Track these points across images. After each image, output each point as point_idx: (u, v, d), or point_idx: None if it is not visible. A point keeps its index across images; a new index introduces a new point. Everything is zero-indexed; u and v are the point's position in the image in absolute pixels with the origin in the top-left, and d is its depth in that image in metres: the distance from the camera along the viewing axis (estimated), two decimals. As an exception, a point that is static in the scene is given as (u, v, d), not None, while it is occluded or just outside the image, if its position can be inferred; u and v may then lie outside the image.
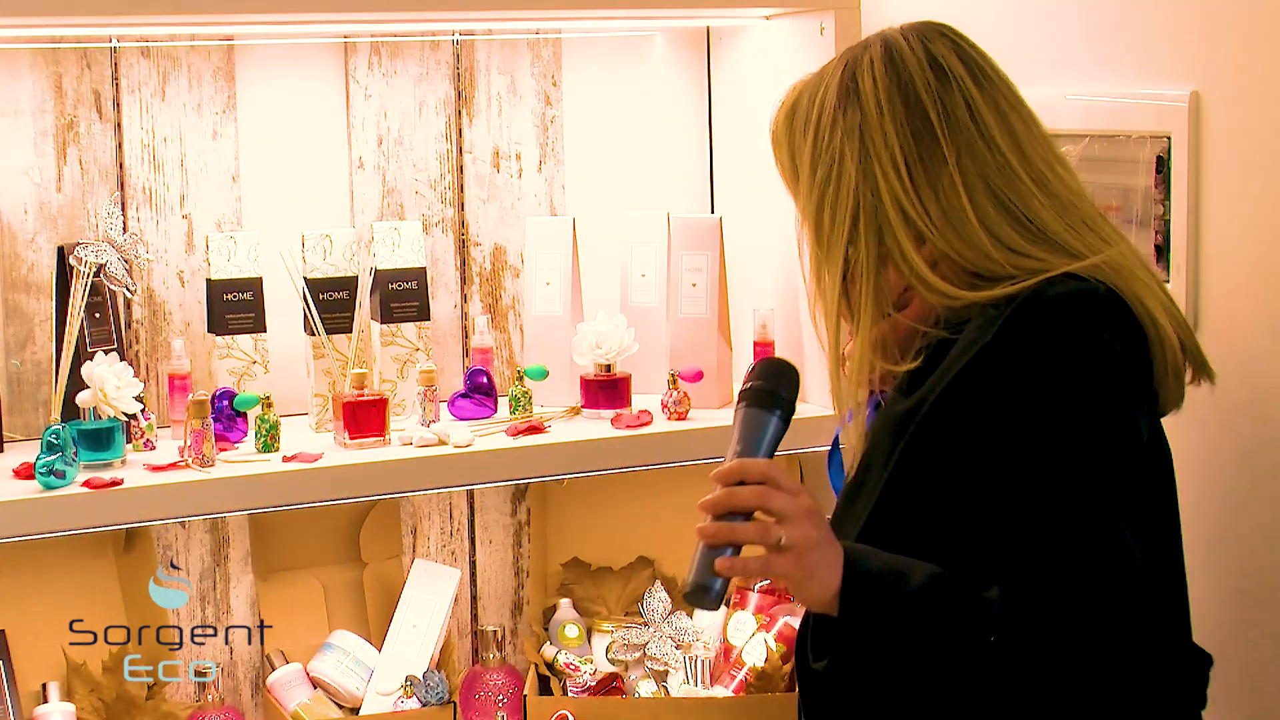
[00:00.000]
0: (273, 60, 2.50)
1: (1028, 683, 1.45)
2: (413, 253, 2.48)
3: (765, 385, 1.57)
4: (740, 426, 1.54)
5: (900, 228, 1.61)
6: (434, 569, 2.56)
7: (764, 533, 1.44)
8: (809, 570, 1.44)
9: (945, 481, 1.53)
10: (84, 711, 2.33)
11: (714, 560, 1.43)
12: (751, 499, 1.45)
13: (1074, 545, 1.45)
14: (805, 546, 1.43)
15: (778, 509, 1.44)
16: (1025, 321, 1.52)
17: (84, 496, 2.08)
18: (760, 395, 1.56)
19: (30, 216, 2.38)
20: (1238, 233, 1.89)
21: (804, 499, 1.46)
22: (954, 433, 1.53)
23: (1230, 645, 1.94)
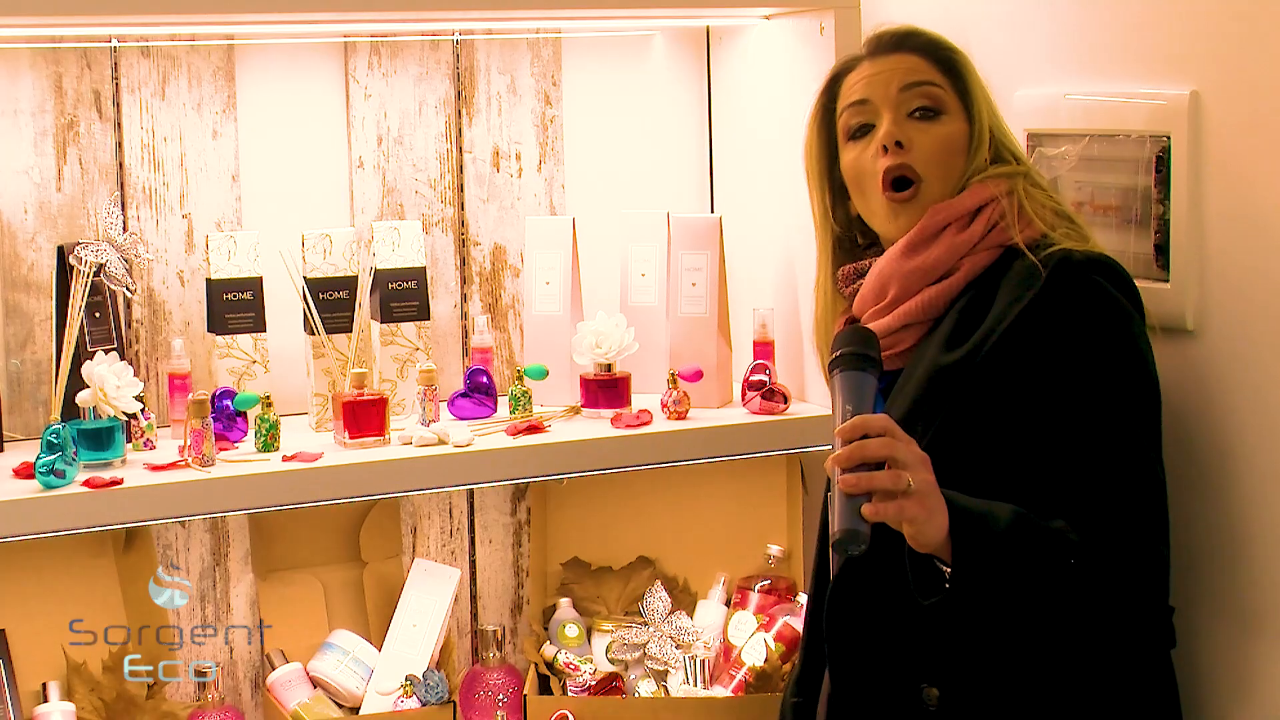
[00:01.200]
0: (273, 60, 2.50)
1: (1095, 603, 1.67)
2: (412, 252, 2.48)
3: (855, 349, 1.67)
4: (844, 390, 1.65)
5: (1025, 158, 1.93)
6: (434, 568, 2.56)
7: (897, 480, 1.55)
8: (930, 512, 1.56)
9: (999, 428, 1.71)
10: (84, 711, 2.33)
11: (858, 507, 1.55)
12: (881, 449, 1.57)
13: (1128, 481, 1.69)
14: (927, 490, 1.57)
15: (902, 458, 1.56)
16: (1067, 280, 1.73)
17: (84, 496, 2.08)
18: (854, 359, 1.67)
19: (30, 216, 2.38)
20: (1237, 232, 1.89)
21: (916, 448, 1.59)
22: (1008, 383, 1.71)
23: (1231, 650, 1.94)
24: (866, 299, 1.89)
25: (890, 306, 1.85)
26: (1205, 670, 1.98)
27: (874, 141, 1.87)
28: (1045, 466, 1.70)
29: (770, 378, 2.46)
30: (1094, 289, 1.74)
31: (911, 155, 1.85)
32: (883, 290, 1.86)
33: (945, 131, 1.86)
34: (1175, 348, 1.96)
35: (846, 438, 1.59)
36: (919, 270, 1.84)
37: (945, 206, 1.85)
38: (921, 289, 1.84)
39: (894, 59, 1.90)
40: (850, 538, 1.55)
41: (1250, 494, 1.89)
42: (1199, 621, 1.98)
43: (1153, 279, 1.97)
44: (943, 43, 1.92)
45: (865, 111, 1.89)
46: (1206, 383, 1.94)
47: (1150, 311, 1.98)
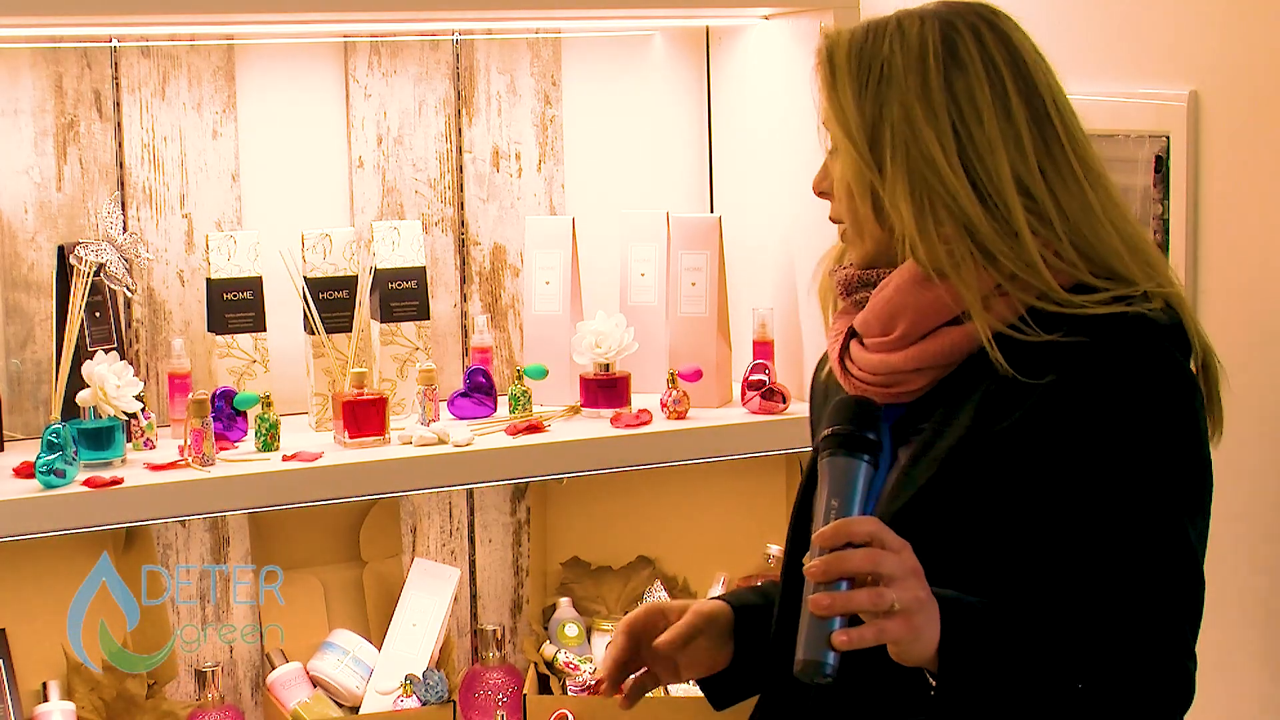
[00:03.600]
0: (273, 60, 2.50)
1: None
2: (412, 252, 2.48)
3: (850, 430, 1.41)
4: (831, 480, 1.40)
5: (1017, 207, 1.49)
6: (434, 568, 2.56)
7: (878, 600, 1.32)
8: (917, 632, 1.35)
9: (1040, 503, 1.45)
10: (84, 710, 2.33)
11: (828, 634, 1.32)
12: (863, 564, 1.33)
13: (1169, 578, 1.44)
14: (915, 608, 1.34)
15: (888, 572, 1.33)
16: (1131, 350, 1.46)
17: (84, 495, 2.08)
18: (847, 441, 1.40)
19: (30, 216, 2.38)
20: (1236, 232, 1.89)
21: (908, 556, 1.36)
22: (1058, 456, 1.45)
23: (1239, 648, 1.94)
24: (870, 325, 1.55)
25: (900, 343, 1.53)
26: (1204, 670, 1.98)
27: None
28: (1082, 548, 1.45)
29: (770, 377, 2.46)
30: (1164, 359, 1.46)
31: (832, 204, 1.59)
32: (890, 321, 1.53)
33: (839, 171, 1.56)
34: (1174, 347, 1.96)
35: (826, 545, 1.34)
36: (934, 307, 1.51)
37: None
38: (937, 328, 1.52)
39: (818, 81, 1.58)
40: (813, 669, 1.33)
41: (1250, 494, 1.90)
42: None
43: (1152, 279, 1.97)
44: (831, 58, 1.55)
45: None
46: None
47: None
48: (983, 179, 1.49)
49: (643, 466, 2.41)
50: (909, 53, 1.51)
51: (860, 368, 1.55)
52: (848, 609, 1.33)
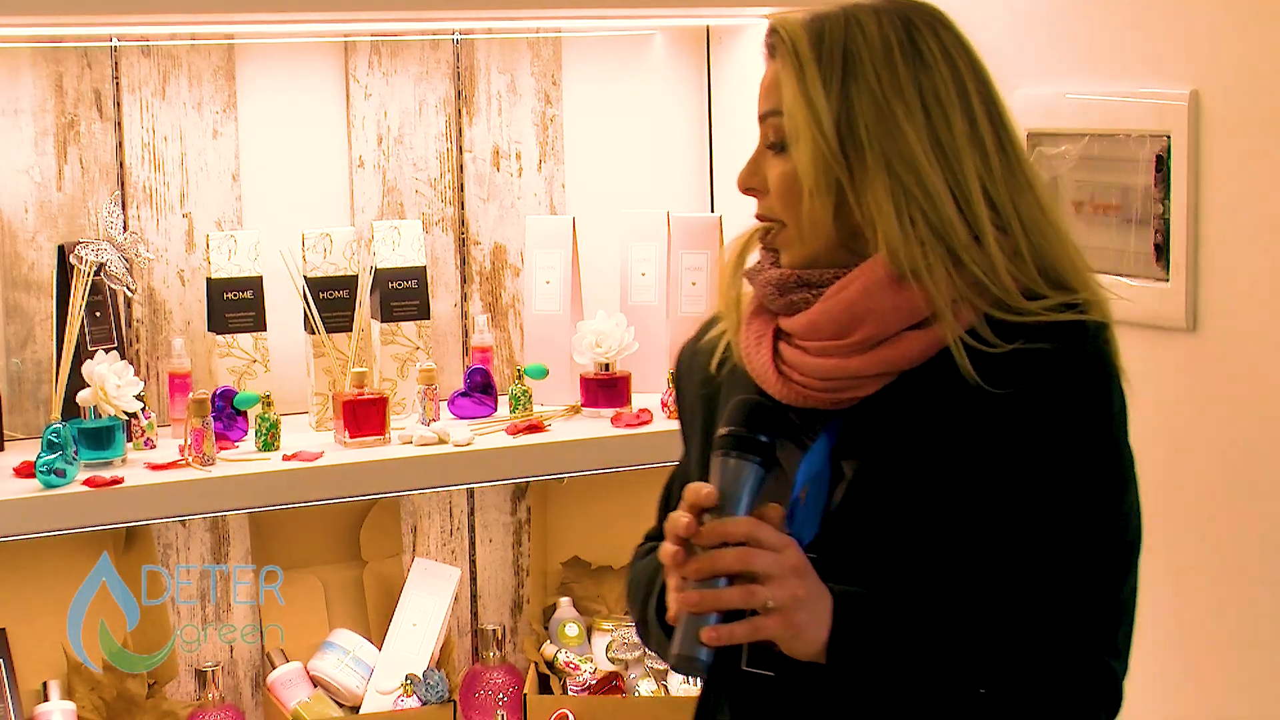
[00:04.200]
0: (273, 59, 2.50)
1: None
2: (413, 251, 2.48)
3: (744, 432, 1.41)
4: (719, 479, 1.40)
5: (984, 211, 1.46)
6: (434, 568, 2.56)
7: (749, 597, 1.35)
8: (797, 629, 1.37)
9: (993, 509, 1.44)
10: (84, 710, 2.33)
11: (699, 629, 1.35)
12: (735, 563, 1.35)
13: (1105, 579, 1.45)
14: (792, 606, 1.36)
15: (761, 570, 1.35)
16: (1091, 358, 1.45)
17: (84, 495, 2.08)
18: (740, 443, 1.41)
19: (31, 215, 2.38)
20: (1237, 231, 1.89)
21: (789, 555, 1.37)
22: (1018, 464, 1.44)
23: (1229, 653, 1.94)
24: (821, 328, 1.47)
25: (858, 348, 1.46)
26: (1206, 668, 1.98)
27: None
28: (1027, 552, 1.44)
29: (770, 377, 2.46)
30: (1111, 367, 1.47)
31: (763, 199, 1.51)
32: (851, 324, 1.46)
33: (786, 169, 1.48)
34: (1174, 347, 1.96)
35: (702, 544, 1.36)
36: (903, 309, 1.46)
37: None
38: (900, 331, 1.46)
39: (769, 69, 1.52)
40: (686, 664, 1.36)
41: (1250, 494, 1.90)
42: (1199, 620, 1.98)
43: (1153, 278, 1.97)
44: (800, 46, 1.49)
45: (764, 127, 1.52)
46: (1206, 383, 1.94)
47: (1150, 311, 1.98)
48: (953, 182, 1.45)
49: (643, 466, 2.41)
50: (873, 47, 1.47)
51: (802, 372, 1.48)
52: (717, 606, 1.35)
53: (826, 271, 1.49)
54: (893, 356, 1.46)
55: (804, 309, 1.49)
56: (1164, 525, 2.01)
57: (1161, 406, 2.00)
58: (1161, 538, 2.02)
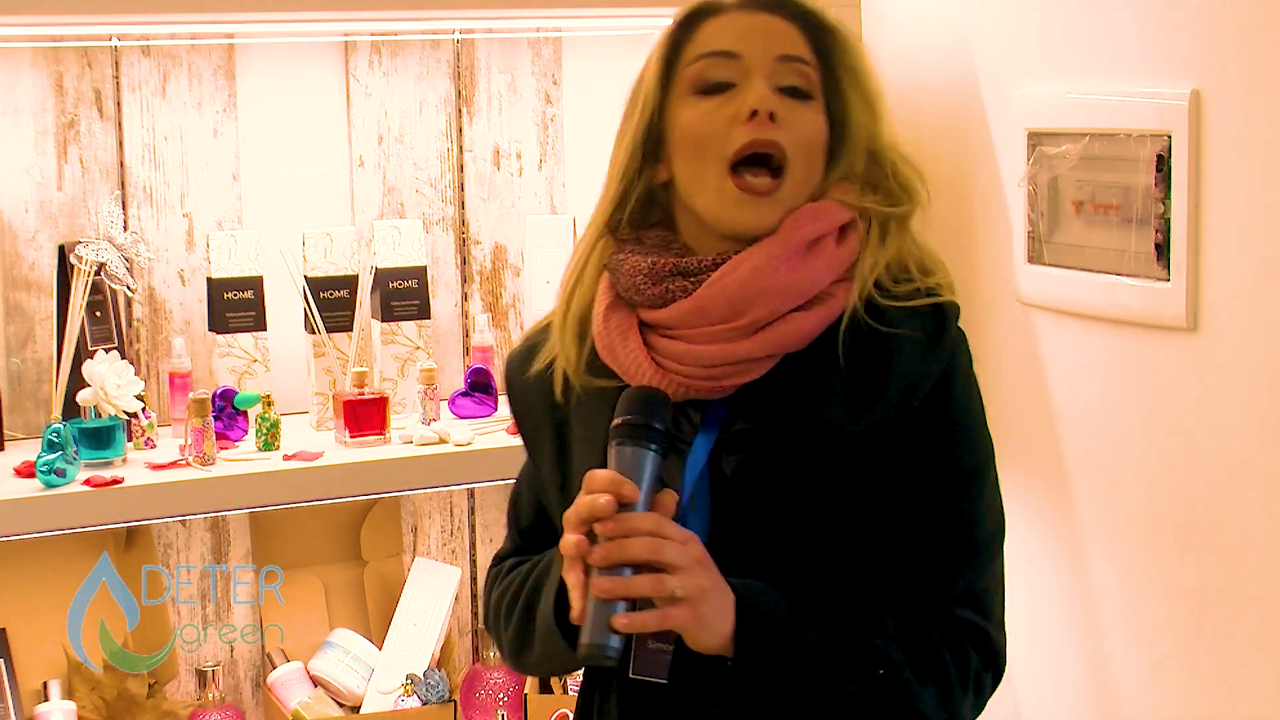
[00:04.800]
0: (273, 59, 2.50)
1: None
2: (413, 251, 2.48)
3: (637, 419, 1.42)
4: (618, 468, 1.41)
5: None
6: (434, 567, 2.56)
7: (658, 586, 1.37)
8: (703, 620, 1.39)
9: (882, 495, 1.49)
10: (85, 710, 2.33)
11: (609, 618, 1.36)
12: (643, 552, 1.37)
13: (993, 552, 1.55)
14: (698, 597, 1.39)
15: (669, 560, 1.37)
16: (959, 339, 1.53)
17: (85, 495, 2.08)
18: (635, 431, 1.42)
19: (31, 215, 2.38)
20: (1238, 231, 1.89)
21: (694, 547, 1.40)
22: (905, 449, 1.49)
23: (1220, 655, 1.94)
24: (708, 312, 1.49)
25: (746, 330, 1.48)
26: (1206, 668, 1.98)
27: (735, 104, 1.50)
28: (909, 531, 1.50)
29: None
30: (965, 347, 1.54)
31: (781, 133, 1.49)
32: (741, 306, 1.48)
33: (815, 121, 1.52)
34: (1175, 347, 1.96)
35: (609, 535, 1.37)
36: (794, 290, 1.49)
37: (821, 210, 1.52)
38: (787, 312, 1.49)
39: (771, 20, 1.54)
40: (597, 652, 1.36)
41: (1249, 494, 1.89)
42: (1199, 620, 1.98)
43: (1153, 278, 1.97)
44: (823, 20, 1.56)
45: (731, 67, 1.51)
46: (1206, 382, 1.94)
47: (1150, 311, 1.98)
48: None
49: (643, 466, 2.41)
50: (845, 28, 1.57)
51: (682, 362, 1.49)
52: (628, 594, 1.37)
53: (705, 258, 1.51)
54: (782, 337, 1.48)
55: (681, 297, 1.50)
56: (1164, 525, 2.01)
57: (1161, 406, 2.00)
58: (1162, 538, 2.02)
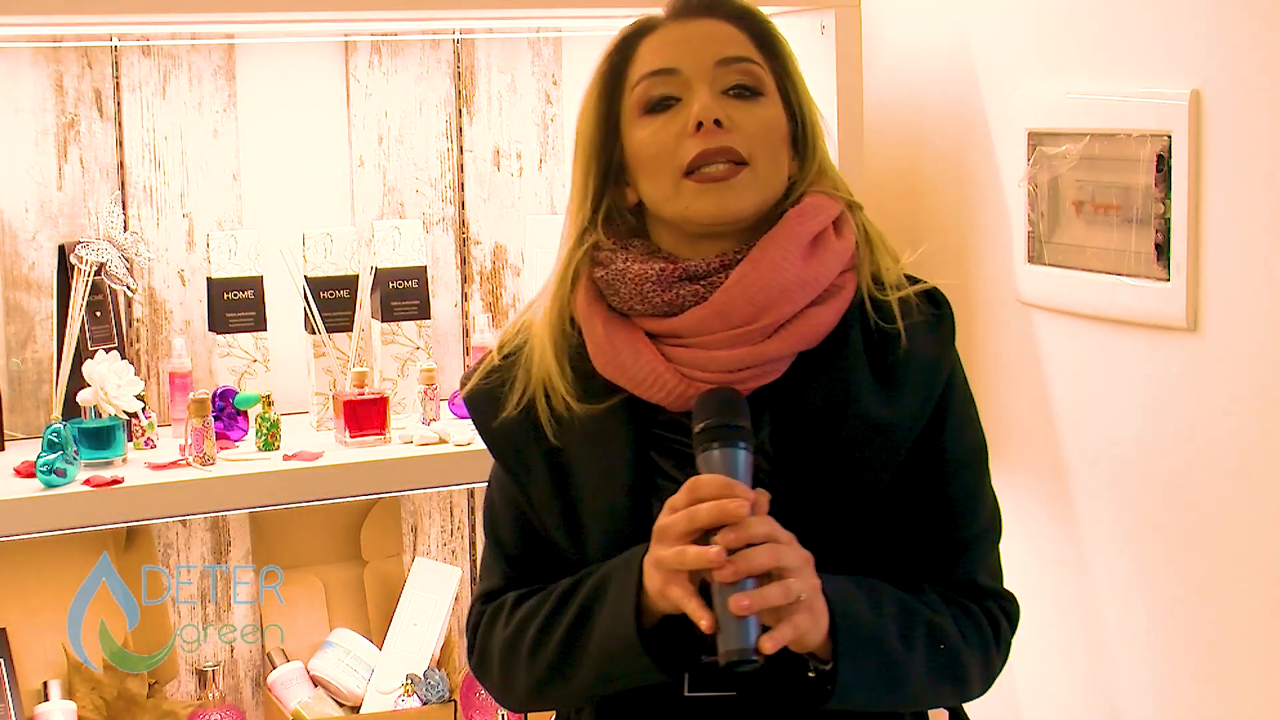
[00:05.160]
0: (273, 59, 2.50)
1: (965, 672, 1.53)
2: (413, 251, 2.48)
3: (724, 420, 1.42)
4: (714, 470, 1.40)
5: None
6: (435, 567, 2.56)
7: (788, 593, 1.37)
8: (816, 617, 1.40)
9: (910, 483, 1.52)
10: (85, 710, 2.33)
11: (749, 630, 1.36)
12: (769, 560, 1.37)
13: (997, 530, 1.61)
14: (813, 594, 1.39)
15: (788, 564, 1.38)
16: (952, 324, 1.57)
17: (85, 495, 2.08)
18: (725, 432, 1.41)
19: (31, 215, 2.38)
20: (1238, 231, 1.89)
21: (799, 547, 1.41)
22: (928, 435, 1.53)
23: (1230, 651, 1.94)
24: (729, 315, 1.48)
25: (769, 329, 1.48)
26: (1207, 668, 1.97)
27: (681, 118, 1.51)
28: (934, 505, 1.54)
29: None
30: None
31: (733, 137, 1.49)
32: (764, 305, 1.48)
33: (768, 114, 1.52)
34: (1175, 347, 1.96)
35: (730, 546, 1.36)
36: (810, 284, 1.50)
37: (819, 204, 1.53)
38: (803, 308, 1.50)
39: (705, 25, 1.55)
40: (742, 656, 1.35)
41: (1250, 493, 1.89)
42: (1199, 620, 1.98)
43: (1153, 278, 1.97)
44: (760, 15, 1.58)
45: (671, 82, 1.53)
46: (1206, 382, 1.94)
47: (1150, 311, 1.98)
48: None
49: (644, 466, 2.41)
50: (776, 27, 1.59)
51: (705, 369, 1.49)
52: (765, 605, 1.36)
53: (710, 260, 1.50)
54: (803, 333, 1.49)
55: (694, 302, 1.50)
56: (1164, 525, 2.01)
57: (1162, 406, 2.00)
58: (1162, 538, 2.02)
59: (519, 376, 1.58)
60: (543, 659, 1.53)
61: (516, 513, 1.62)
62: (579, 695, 1.56)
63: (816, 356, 1.50)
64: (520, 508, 1.61)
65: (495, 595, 1.63)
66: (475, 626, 1.64)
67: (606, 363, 1.53)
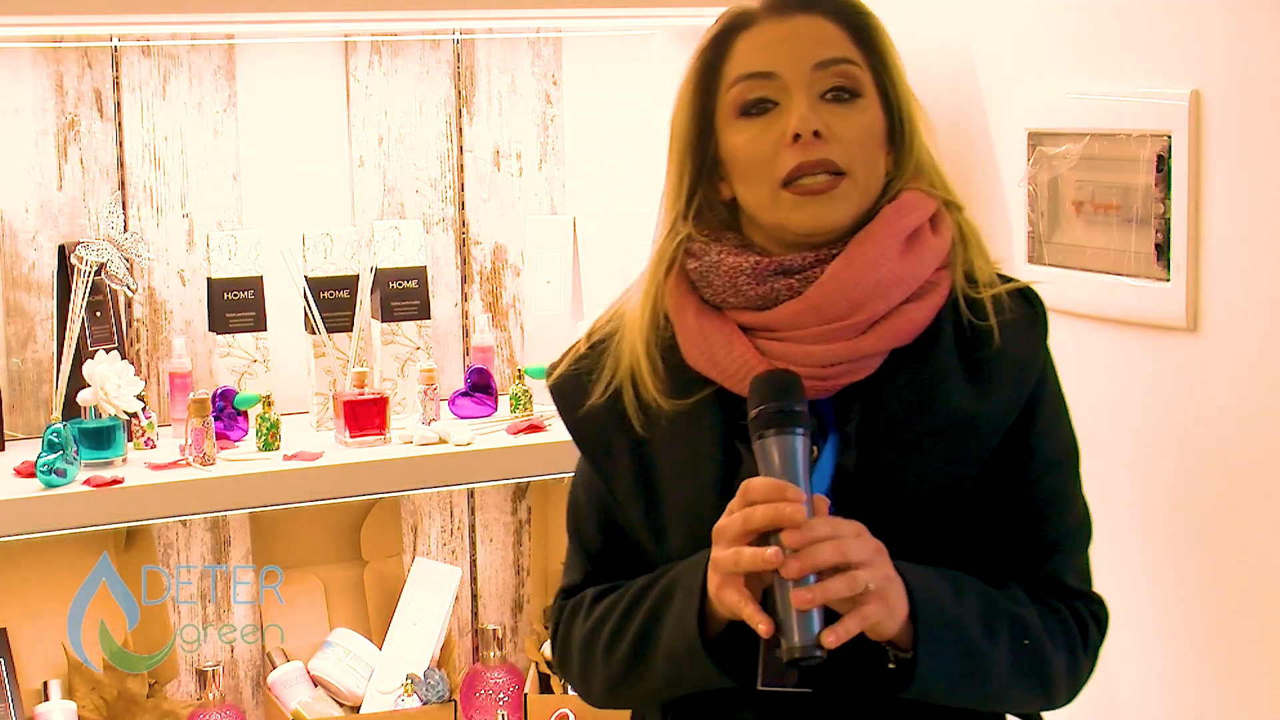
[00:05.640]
0: (273, 59, 2.50)
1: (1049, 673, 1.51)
2: (413, 251, 2.48)
3: (782, 405, 1.40)
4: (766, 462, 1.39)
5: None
6: (434, 567, 2.56)
7: (853, 584, 1.36)
8: (891, 607, 1.38)
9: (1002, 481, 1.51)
10: (85, 710, 2.33)
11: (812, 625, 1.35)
12: (834, 556, 1.35)
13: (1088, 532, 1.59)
14: (886, 585, 1.38)
15: (855, 558, 1.36)
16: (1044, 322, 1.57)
17: (85, 495, 2.08)
18: (782, 418, 1.39)
19: (31, 215, 2.38)
20: (1238, 231, 1.89)
21: (869, 538, 1.39)
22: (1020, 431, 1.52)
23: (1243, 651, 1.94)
24: (823, 311, 1.48)
25: (863, 325, 1.48)
26: (1207, 668, 1.98)
27: (779, 126, 1.49)
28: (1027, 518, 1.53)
29: (771, 377, 2.46)
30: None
31: (831, 148, 1.47)
32: (859, 302, 1.47)
33: (866, 119, 1.50)
34: (1175, 347, 1.96)
35: (793, 545, 1.35)
36: (906, 281, 1.49)
37: (916, 201, 1.52)
38: (899, 304, 1.49)
39: (803, 22, 1.52)
40: (805, 654, 1.35)
41: (1250, 493, 1.89)
42: (1200, 620, 1.98)
43: (1153, 278, 1.97)
44: (858, 9, 1.54)
45: (768, 86, 1.50)
46: (1206, 382, 1.94)
47: (1150, 311, 1.98)
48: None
49: (644, 466, 2.41)
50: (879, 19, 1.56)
51: (799, 363, 1.47)
52: (829, 599, 1.35)
53: (808, 255, 1.49)
54: (897, 330, 1.48)
55: (788, 297, 1.49)
56: (1165, 525, 2.01)
57: (1162, 406, 1.99)
58: (1162, 538, 2.02)
59: (607, 365, 1.57)
60: (616, 659, 1.53)
61: (600, 507, 1.60)
62: (652, 695, 1.55)
63: (908, 352, 1.49)
64: (604, 501, 1.59)
65: (575, 591, 1.63)
66: (556, 622, 1.64)
67: (698, 354, 1.52)
